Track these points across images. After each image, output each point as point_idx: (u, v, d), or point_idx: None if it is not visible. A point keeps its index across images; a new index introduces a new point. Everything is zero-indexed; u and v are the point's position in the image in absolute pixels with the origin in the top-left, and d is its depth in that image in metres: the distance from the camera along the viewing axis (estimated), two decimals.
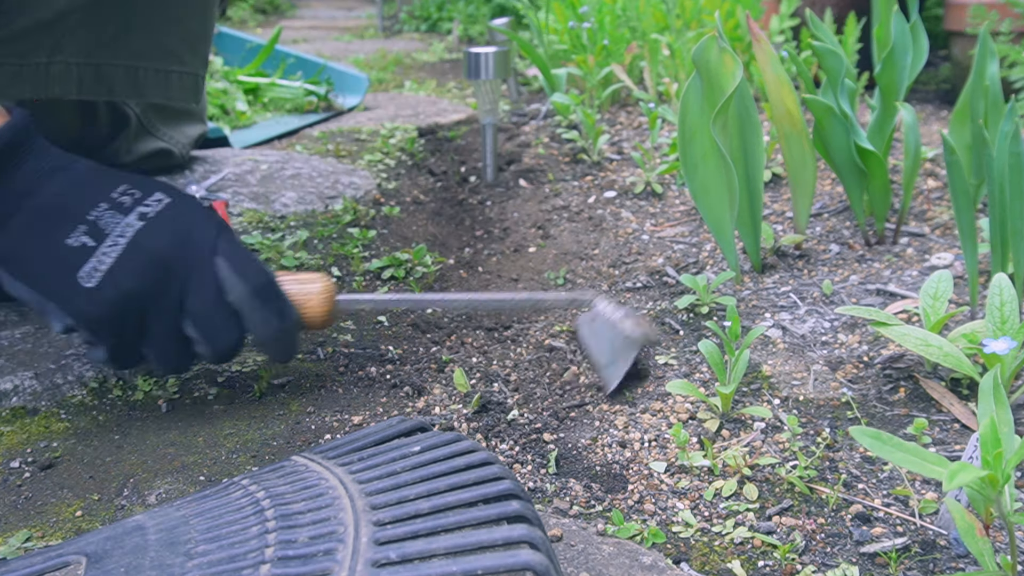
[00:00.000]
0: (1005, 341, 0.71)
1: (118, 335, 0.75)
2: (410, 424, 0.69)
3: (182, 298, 0.76)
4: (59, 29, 0.94)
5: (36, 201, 0.73)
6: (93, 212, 0.74)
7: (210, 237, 0.77)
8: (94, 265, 0.72)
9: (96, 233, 0.73)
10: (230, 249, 0.78)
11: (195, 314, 0.76)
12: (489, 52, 1.45)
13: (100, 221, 0.74)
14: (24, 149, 0.73)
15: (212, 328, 0.77)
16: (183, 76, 1.08)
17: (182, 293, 0.75)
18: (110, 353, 0.76)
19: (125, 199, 0.75)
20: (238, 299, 0.77)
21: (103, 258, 0.73)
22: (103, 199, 0.75)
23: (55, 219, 0.73)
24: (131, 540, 0.54)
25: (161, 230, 0.75)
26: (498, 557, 0.48)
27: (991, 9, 1.68)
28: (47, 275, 0.73)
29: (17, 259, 0.73)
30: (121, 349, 0.76)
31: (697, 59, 0.99)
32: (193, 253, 0.76)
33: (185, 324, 0.76)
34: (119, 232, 0.74)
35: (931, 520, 0.66)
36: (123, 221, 0.74)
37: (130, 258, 0.73)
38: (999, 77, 1.01)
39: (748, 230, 1.10)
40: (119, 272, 0.73)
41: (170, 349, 0.77)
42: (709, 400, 0.81)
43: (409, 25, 4.38)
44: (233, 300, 0.77)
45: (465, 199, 1.51)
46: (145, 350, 0.77)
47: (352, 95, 2.20)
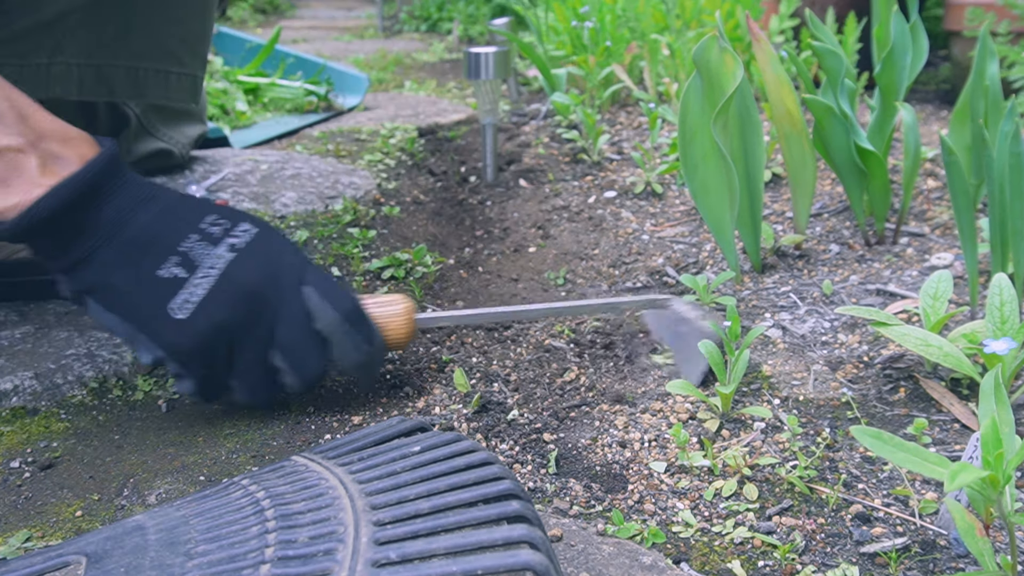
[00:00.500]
0: (1005, 341, 0.71)
1: (208, 367, 0.75)
2: (410, 424, 0.69)
3: (272, 328, 0.76)
4: (60, 30, 0.94)
5: (127, 232, 0.73)
6: (184, 243, 0.74)
7: (297, 266, 0.78)
8: (186, 297, 0.73)
9: (188, 264, 0.73)
10: (317, 277, 0.78)
11: (285, 344, 0.76)
12: (489, 52, 1.46)
13: (191, 252, 0.74)
14: (113, 179, 0.73)
15: (301, 358, 0.77)
16: (182, 77, 1.08)
17: (272, 323, 0.76)
18: (198, 384, 0.76)
19: (215, 229, 0.76)
20: (327, 327, 0.77)
21: (195, 290, 0.73)
22: (193, 230, 0.75)
23: (146, 250, 0.73)
24: (131, 540, 0.54)
25: (251, 261, 0.75)
26: (498, 557, 0.48)
27: (988, 10, 1.68)
28: (138, 306, 0.73)
29: (108, 289, 0.73)
30: (210, 380, 0.76)
31: (698, 59, 0.99)
32: (282, 283, 0.76)
33: (273, 354, 0.77)
34: (210, 263, 0.74)
35: (931, 520, 0.66)
36: (213, 252, 0.74)
37: (222, 289, 0.74)
38: (999, 77, 1.01)
39: (748, 230, 1.10)
40: (211, 304, 0.73)
41: (257, 380, 0.78)
42: (709, 400, 0.81)
43: (409, 25, 4.38)
44: (322, 328, 0.77)
45: (465, 199, 1.51)
46: (232, 381, 0.77)
47: (352, 95, 2.20)
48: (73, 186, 0.70)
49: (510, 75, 1.92)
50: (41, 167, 0.70)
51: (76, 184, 0.70)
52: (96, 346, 0.92)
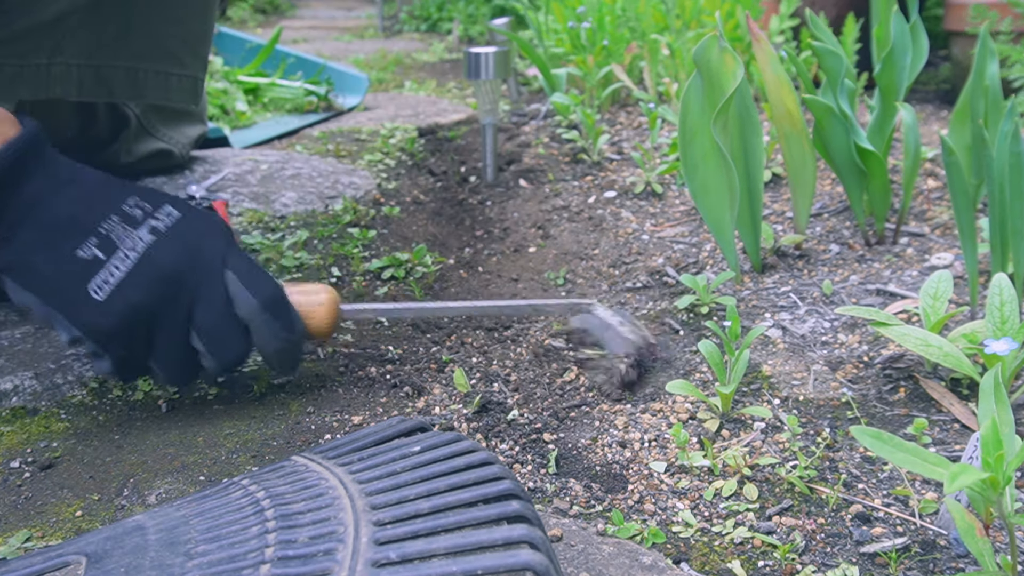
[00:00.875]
0: (1006, 342, 0.71)
1: (126, 348, 0.75)
2: (410, 424, 0.69)
3: (191, 311, 0.76)
4: (59, 30, 0.94)
5: (46, 212, 0.72)
6: (104, 224, 0.74)
7: (219, 250, 0.78)
8: (104, 278, 0.72)
9: (107, 246, 0.73)
10: (239, 262, 0.78)
11: (204, 328, 0.76)
12: (489, 52, 1.46)
13: (111, 233, 0.73)
14: (35, 160, 0.73)
15: (220, 341, 0.77)
16: (183, 78, 1.08)
17: (191, 307, 0.76)
18: (115, 365, 0.76)
19: (136, 212, 0.75)
20: (247, 313, 0.77)
21: (113, 271, 0.73)
22: (114, 211, 0.75)
23: (65, 230, 0.73)
24: (131, 540, 0.54)
25: (172, 244, 0.75)
26: (498, 557, 0.48)
27: (991, 9, 1.68)
28: (56, 286, 0.72)
29: (25, 269, 0.72)
30: (127, 361, 0.76)
31: (698, 59, 0.99)
32: (203, 267, 0.76)
33: (192, 337, 0.77)
34: (130, 245, 0.74)
35: (931, 520, 0.66)
36: (134, 234, 0.74)
37: (141, 272, 0.73)
38: (999, 77, 1.01)
39: (748, 230, 1.10)
40: (129, 286, 0.73)
41: (176, 362, 0.77)
42: (709, 400, 0.81)
43: (409, 25, 4.38)
44: (243, 314, 0.77)
45: (465, 199, 1.51)
46: (151, 363, 0.77)
47: (352, 95, 2.20)
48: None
49: (510, 75, 1.92)
50: None
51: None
52: None
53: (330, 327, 0.83)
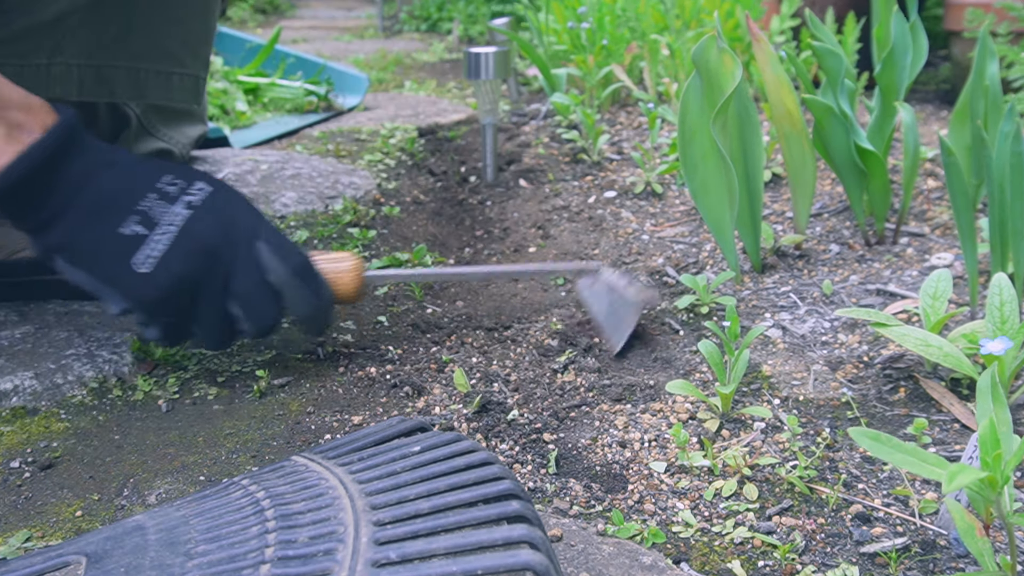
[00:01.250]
0: (1001, 341, 0.71)
1: (170, 315, 0.81)
2: (410, 424, 0.69)
3: (227, 280, 0.81)
4: (60, 30, 0.94)
5: (90, 194, 0.77)
6: (143, 202, 0.78)
7: (251, 222, 0.83)
8: (147, 252, 0.78)
9: (147, 222, 0.78)
10: (269, 233, 0.84)
11: (240, 295, 0.81)
12: (489, 52, 1.46)
13: (150, 211, 0.78)
14: (75, 144, 0.77)
15: (255, 307, 0.82)
16: (184, 78, 1.08)
17: (227, 275, 0.81)
18: (162, 332, 0.82)
19: (171, 188, 0.80)
20: (279, 280, 0.82)
21: (155, 245, 0.78)
22: (151, 189, 0.79)
23: (109, 210, 0.78)
24: (131, 540, 0.54)
25: (207, 217, 0.80)
26: (498, 557, 0.48)
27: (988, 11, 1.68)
28: (104, 262, 0.78)
29: (75, 248, 0.77)
30: (173, 328, 0.82)
31: (697, 59, 0.99)
32: (237, 238, 0.81)
33: (230, 304, 0.82)
34: (168, 220, 0.79)
35: (931, 520, 0.66)
36: (171, 210, 0.79)
37: (180, 244, 0.78)
38: (999, 77, 1.01)
39: (748, 230, 1.10)
40: (171, 258, 0.78)
41: (216, 327, 0.83)
42: (709, 400, 0.81)
43: (409, 25, 4.38)
44: (274, 281, 0.82)
45: (465, 199, 1.51)
46: (194, 328, 0.83)
47: (352, 95, 2.20)
48: (38, 152, 0.74)
49: (510, 75, 1.92)
50: (6, 135, 0.74)
51: (41, 150, 0.74)
52: (96, 346, 0.92)
53: (356, 292, 0.89)
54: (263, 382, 0.88)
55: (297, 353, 0.95)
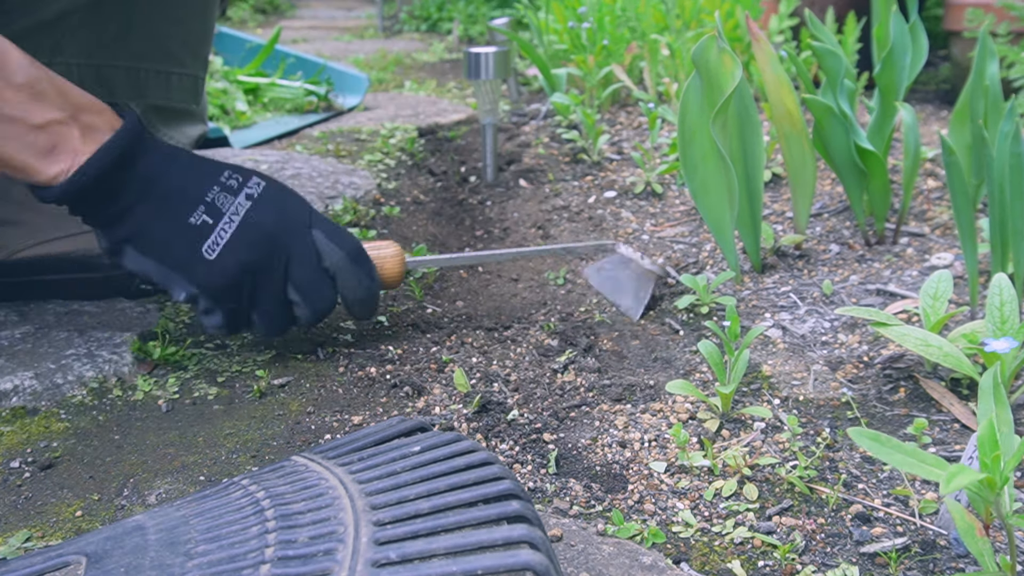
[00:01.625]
0: (1006, 340, 0.71)
1: (234, 301, 0.85)
2: (410, 424, 0.69)
3: (287, 267, 0.86)
4: (60, 29, 0.94)
5: (159, 186, 0.82)
6: (208, 194, 0.83)
7: (305, 212, 0.88)
8: (215, 240, 0.83)
9: (214, 212, 0.83)
10: (322, 222, 0.88)
11: (299, 280, 0.86)
12: (489, 52, 1.45)
13: (216, 201, 0.83)
14: (141, 145, 0.82)
15: (313, 292, 0.87)
16: (183, 78, 1.08)
17: (287, 262, 0.86)
18: (226, 319, 0.86)
19: (232, 182, 0.85)
20: (335, 264, 0.87)
21: (222, 233, 0.83)
22: (215, 183, 0.84)
23: (177, 201, 0.82)
24: (131, 540, 0.54)
25: (267, 207, 0.85)
26: (498, 557, 0.48)
27: (988, 12, 1.68)
28: (173, 250, 0.82)
29: (145, 237, 0.82)
30: (234, 315, 0.86)
31: (696, 59, 0.99)
32: (294, 226, 0.86)
33: (288, 289, 0.86)
34: (233, 210, 0.84)
35: (931, 520, 0.66)
36: (234, 201, 0.84)
37: (245, 232, 0.83)
38: (999, 77, 1.01)
39: (748, 230, 1.10)
40: (237, 245, 0.83)
41: (275, 313, 0.87)
42: (709, 400, 0.81)
43: (409, 25, 4.38)
44: (330, 266, 0.87)
45: (465, 199, 1.51)
46: (254, 315, 0.87)
47: (352, 95, 2.20)
48: (111, 151, 0.79)
49: (510, 75, 1.92)
50: (82, 137, 0.78)
51: (113, 149, 0.79)
52: (96, 346, 0.92)
53: (399, 276, 0.94)
54: (263, 382, 0.88)
55: (297, 353, 0.95)
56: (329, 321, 1.03)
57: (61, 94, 0.78)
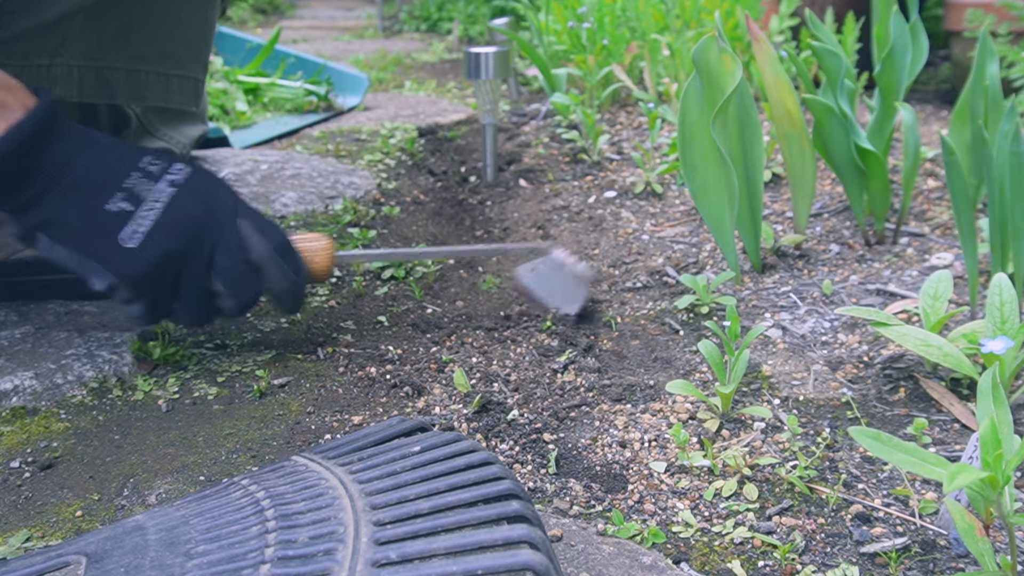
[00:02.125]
0: (1002, 340, 0.71)
1: (156, 291, 0.81)
2: (410, 424, 0.69)
3: (211, 256, 0.83)
4: (61, 31, 0.94)
5: (73, 171, 0.78)
6: (127, 180, 0.80)
7: (231, 201, 0.85)
8: (134, 228, 0.79)
9: (133, 199, 0.79)
10: (249, 212, 0.86)
11: (223, 270, 0.83)
12: (489, 52, 1.45)
13: (135, 188, 0.80)
14: (57, 126, 0.78)
15: (238, 283, 0.84)
16: (183, 79, 1.08)
17: (211, 252, 0.83)
18: (146, 309, 0.82)
19: (153, 168, 0.82)
20: (260, 256, 0.85)
21: (142, 221, 0.79)
22: (134, 168, 0.81)
23: (93, 187, 0.79)
24: (131, 540, 0.54)
25: (191, 195, 0.82)
26: (498, 557, 0.48)
27: (988, 12, 1.68)
28: (90, 238, 0.78)
29: (59, 224, 0.78)
30: (156, 304, 0.83)
31: (697, 59, 0.99)
32: (220, 215, 0.83)
33: (213, 280, 0.83)
34: (154, 197, 0.80)
35: (931, 520, 0.66)
36: (155, 188, 0.80)
37: (168, 220, 0.80)
38: (999, 77, 1.01)
39: (748, 230, 1.10)
40: (158, 233, 0.79)
41: (198, 303, 0.84)
42: (709, 400, 0.81)
43: (409, 25, 4.38)
44: (255, 257, 0.85)
45: (465, 199, 1.51)
46: (176, 305, 0.84)
47: (352, 95, 2.20)
48: (23, 130, 0.75)
49: (510, 75, 1.92)
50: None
51: (27, 129, 0.75)
52: (96, 346, 0.92)
53: (328, 270, 0.93)
54: (263, 382, 0.88)
55: (297, 353, 0.95)
56: (329, 321, 1.03)
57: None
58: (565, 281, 1.02)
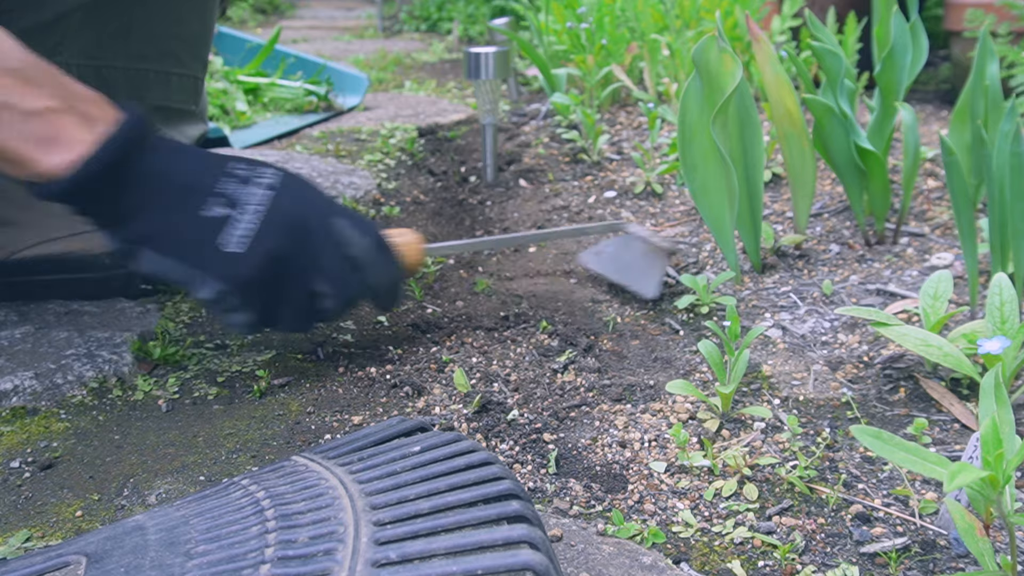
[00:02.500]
0: (998, 340, 0.71)
1: (263, 295, 0.80)
2: (410, 424, 0.69)
3: (314, 256, 0.81)
4: (60, 30, 0.94)
5: (168, 181, 0.77)
6: (222, 185, 0.78)
7: (326, 200, 0.84)
8: (237, 232, 0.77)
9: (231, 203, 0.78)
10: (344, 210, 0.85)
11: (327, 270, 0.82)
12: (489, 52, 1.45)
13: (235, 193, 0.78)
14: (147, 138, 0.77)
15: (342, 282, 0.83)
16: (183, 78, 1.08)
17: (314, 251, 0.81)
18: (254, 315, 0.80)
19: (242, 172, 0.80)
20: (362, 252, 0.84)
21: (244, 224, 0.78)
22: (229, 175, 0.79)
23: (190, 195, 0.77)
24: (131, 540, 0.54)
25: (287, 196, 0.81)
26: (498, 557, 0.48)
27: (988, 11, 1.68)
28: (194, 246, 0.77)
29: (162, 237, 0.77)
30: (264, 310, 0.81)
31: (696, 59, 0.99)
32: (318, 214, 0.82)
33: (317, 281, 0.82)
34: (254, 200, 0.79)
35: (931, 520, 0.66)
36: (250, 191, 0.79)
37: (271, 221, 0.79)
38: (999, 77, 1.01)
39: (748, 230, 1.10)
40: (264, 235, 0.78)
41: (303, 307, 0.83)
42: (709, 400, 0.81)
43: (409, 25, 4.38)
44: (357, 254, 0.84)
45: (465, 199, 1.51)
46: (280, 310, 0.82)
47: (352, 95, 2.20)
48: (117, 142, 0.73)
49: (510, 75, 1.92)
50: (82, 127, 0.73)
51: (119, 140, 0.74)
52: (96, 346, 0.92)
53: (419, 264, 0.93)
54: (263, 382, 0.88)
55: (297, 353, 0.95)
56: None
57: (56, 82, 0.73)
58: (639, 258, 1.03)
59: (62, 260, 1.02)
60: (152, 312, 1.03)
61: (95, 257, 1.02)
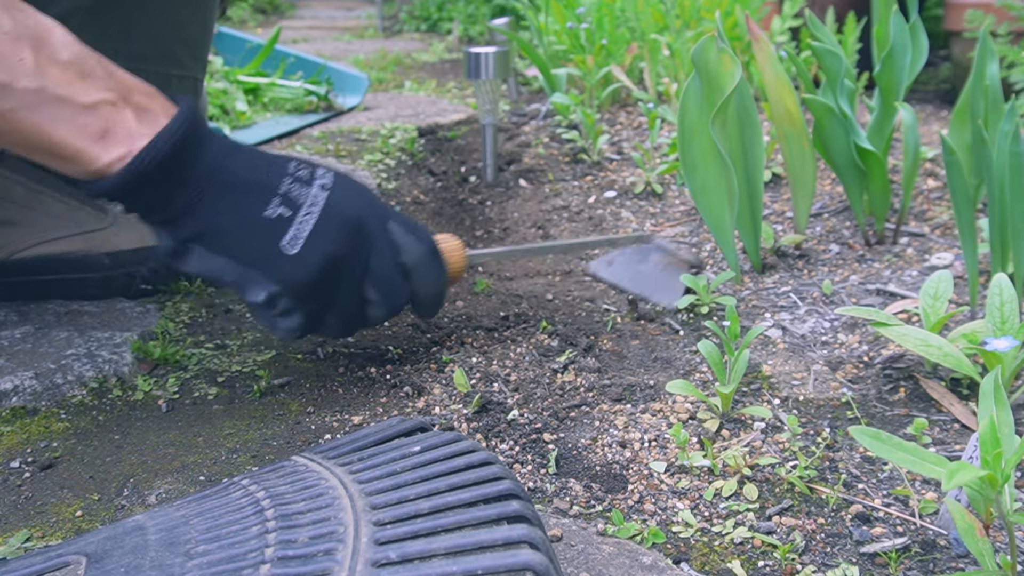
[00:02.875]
0: (1007, 339, 0.71)
1: (316, 299, 0.78)
2: (410, 424, 0.69)
3: (367, 261, 0.80)
4: None
5: (226, 178, 0.75)
6: (281, 185, 0.77)
7: (381, 204, 0.83)
8: (295, 233, 0.76)
9: (290, 203, 0.76)
10: (397, 215, 0.84)
11: (378, 275, 0.81)
12: (489, 52, 1.46)
13: (290, 193, 0.77)
14: (201, 132, 0.75)
15: (391, 288, 0.82)
16: (183, 79, 1.08)
17: (367, 256, 0.80)
18: (305, 318, 0.79)
19: (302, 173, 0.79)
20: (413, 259, 0.83)
21: (302, 226, 0.76)
22: (285, 173, 0.78)
23: (249, 193, 0.75)
24: (131, 540, 0.54)
25: (345, 199, 0.79)
26: (498, 557, 0.48)
27: (988, 12, 1.68)
28: (251, 246, 0.75)
29: (216, 234, 0.75)
30: (315, 313, 0.80)
31: (696, 59, 0.99)
32: (374, 218, 0.81)
33: (367, 286, 0.81)
34: (311, 202, 0.77)
35: (931, 520, 0.66)
36: (309, 192, 0.78)
37: (328, 223, 0.77)
38: (999, 77, 1.01)
39: (748, 230, 1.10)
40: (320, 237, 0.77)
41: (352, 312, 0.82)
42: (709, 400, 0.81)
43: (409, 25, 4.38)
44: (408, 261, 0.83)
45: (465, 199, 1.51)
46: (329, 314, 0.81)
47: (352, 95, 2.20)
48: (172, 135, 0.71)
49: (510, 75, 1.92)
50: (137, 120, 0.71)
51: (174, 133, 0.71)
52: (96, 346, 0.92)
53: (462, 270, 0.92)
54: (263, 382, 0.88)
55: (297, 353, 0.95)
56: None
57: (109, 74, 0.71)
58: (657, 269, 1.02)
59: (62, 260, 1.02)
60: (152, 312, 1.03)
61: (95, 257, 1.02)
